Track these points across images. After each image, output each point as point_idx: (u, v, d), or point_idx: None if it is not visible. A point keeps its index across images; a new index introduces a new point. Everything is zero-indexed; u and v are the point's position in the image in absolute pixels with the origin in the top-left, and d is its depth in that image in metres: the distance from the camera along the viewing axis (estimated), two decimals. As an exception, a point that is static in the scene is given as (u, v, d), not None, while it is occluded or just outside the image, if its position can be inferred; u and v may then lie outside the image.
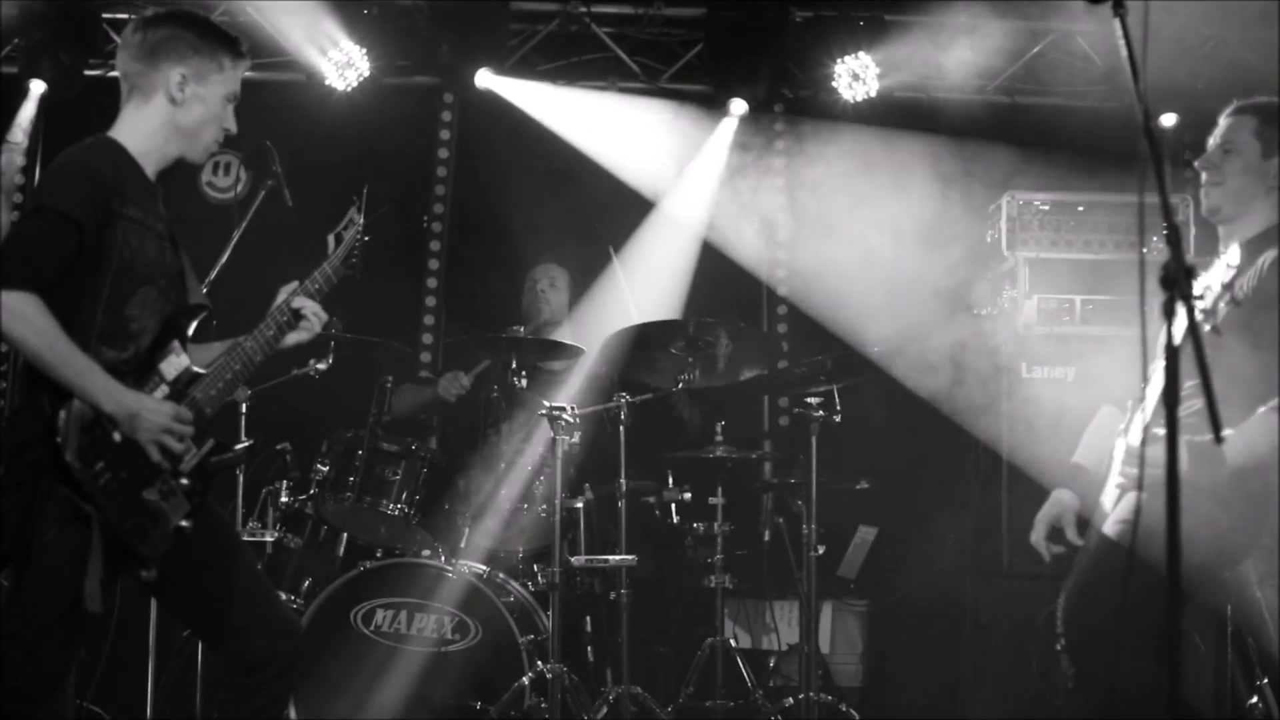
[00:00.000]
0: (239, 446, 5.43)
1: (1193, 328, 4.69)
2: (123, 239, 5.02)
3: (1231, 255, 5.50)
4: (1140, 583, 5.16)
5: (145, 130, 5.26)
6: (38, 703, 5.00)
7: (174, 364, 5.15)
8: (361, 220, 5.60)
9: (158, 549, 5.05)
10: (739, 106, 9.89)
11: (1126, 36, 4.59)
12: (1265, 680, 7.27)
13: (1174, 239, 4.58)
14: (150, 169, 5.27)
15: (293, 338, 5.52)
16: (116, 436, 4.94)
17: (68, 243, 4.89)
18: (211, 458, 5.22)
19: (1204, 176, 5.76)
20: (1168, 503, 4.55)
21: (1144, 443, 5.26)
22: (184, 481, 5.12)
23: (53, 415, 4.84)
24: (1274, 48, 9.38)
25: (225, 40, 5.38)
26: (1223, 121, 5.78)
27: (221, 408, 5.33)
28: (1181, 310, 4.53)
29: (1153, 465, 5.16)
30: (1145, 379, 5.50)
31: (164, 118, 5.26)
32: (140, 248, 5.09)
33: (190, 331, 5.30)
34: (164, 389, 5.10)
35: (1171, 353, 4.50)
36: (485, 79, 9.82)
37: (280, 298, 5.48)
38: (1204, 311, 5.43)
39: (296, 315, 5.44)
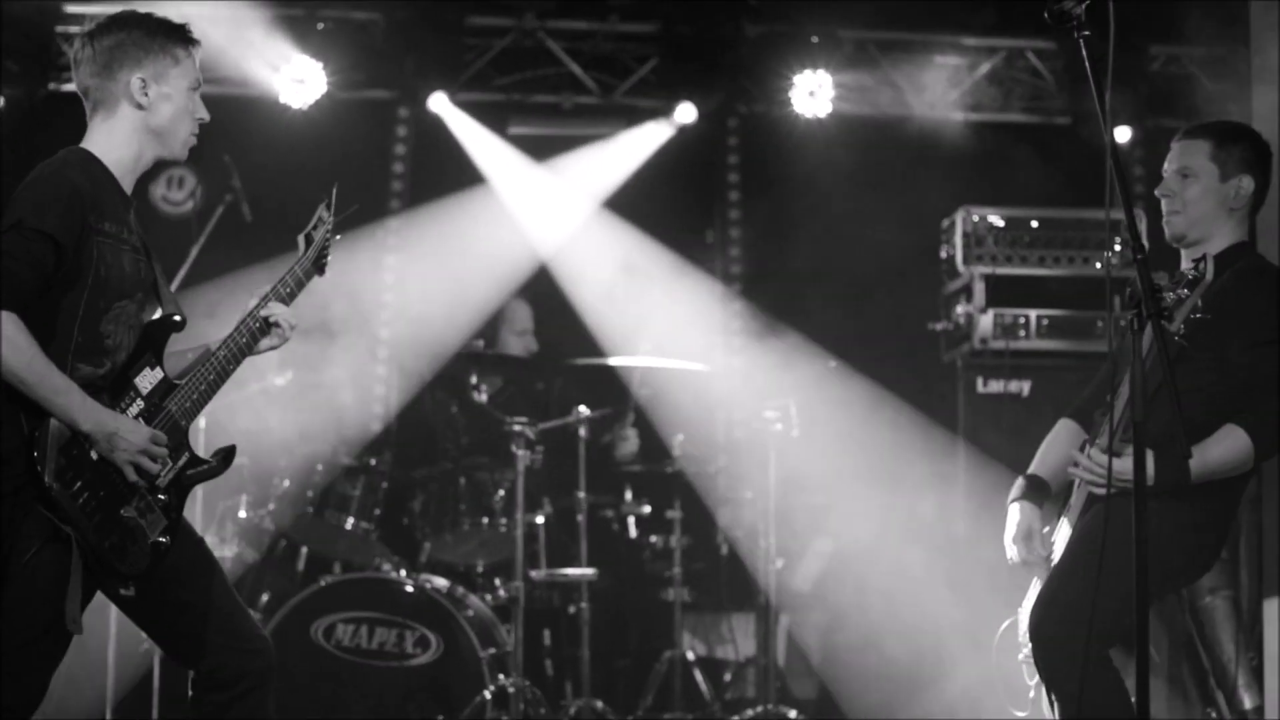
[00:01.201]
0: (212, 458, 5.41)
1: (1162, 344, 4.79)
2: (99, 255, 4.95)
3: (1203, 266, 5.55)
4: (1104, 594, 5.23)
5: (118, 141, 5.21)
6: None
7: (149, 378, 5.11)
8: (332, 219, 5.57)
9: (137, 566, 5.02)
10: (688, 112, 9.89)
11: (1089, 58, 4.68)
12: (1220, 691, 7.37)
13: (1142, 259, 4.66)
14: (126, 178, 5.23)
15: (266, 344, 5.49)
16: (94, 455, 4.93)
17: (45, 260, 4.82)
18: (188, 471, 5.14)
19: (1164, 204, 5.83)
20: (1135, 514, 4.62)
21: (1111, 454, 5.30)
22: (161, 497, 5.10)
23: (30, 435, 4.84)
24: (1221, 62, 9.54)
25: (173, 32, 5.25)
26: (1176, 147, 5.82)
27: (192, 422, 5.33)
28: (1149, 327, 4.64)
29: (1120, 477, 5.24)
30: (1112, 392, 5.55)
31: (134, 124, 5.18)
32: (116, 263, 5.04)
33: (165, 344, 5.30)
34: (139, 403, 5.07)
35: (1140, 368, 4.58)
36: (439, 103, 9.87)
37: (252, 303, 5.46)
38: (1170, 323, 5.51)
39: (268, 321, 5.43)
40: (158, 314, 5.21)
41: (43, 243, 4.82)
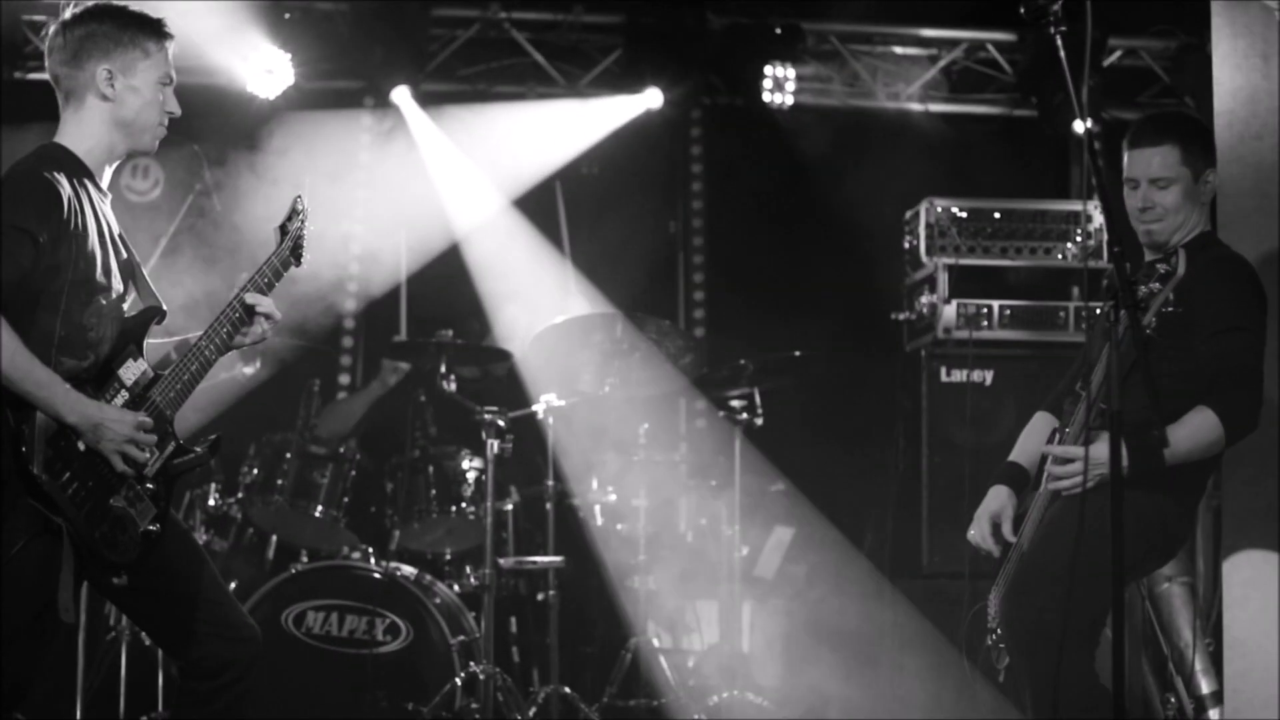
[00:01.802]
0: (199, 447, 5.45)
1: (1138, 335, 4.88)
2: (77, 249, 5.01)
3: (1176, 260, 5.64)
4: (1075, 576, 5.31)
5: (87, 132, 5.24)
6: (4, 710, 5.06)
7: (132, 369, 5.16)
8: (306, 210, 5.56)
9: (128, 555, 5.09)
10: (655, 97, 9.92)
11: (1063, 52, 4.77)
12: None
13: (1120, 250, 4.75)
14: (100, 170, 5.27)
15: (251, 336, 5.42)
16: (81, 446, 4.98)
17: (24, 257, 4.88)
18: (174, 460, 5.22)
19: (1142, 215, 5.92)
20: (1112, 501, 4.71)
21: (1087, 441, 5.39)
22: (149, 486, 5.16)
23: (16, 428, 4.89)
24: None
25: (146, 25, 5.30)
26: (1142, 155, 5.89)
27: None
28: (1123, 318, 4.74)
29: (1096, 464, 5.33)
30: (1084, 382, 5.65)
31: (102, 116, 5.22)
32: (94, 256, 5.09)
33: (146, 335, 5.33)
34: (124, 394, 5.12)
35: (1115, 357, 4.68)
36: (401, 97, 9.94)
37: (233, 293, 5.48)
38: (1145, 312, 5.61)
39: (250, 312, 5.46)
40: (138, 306, 5.26)
41: (20, 239, 4.87)
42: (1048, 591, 5.56)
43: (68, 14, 5.35)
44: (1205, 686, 7.51)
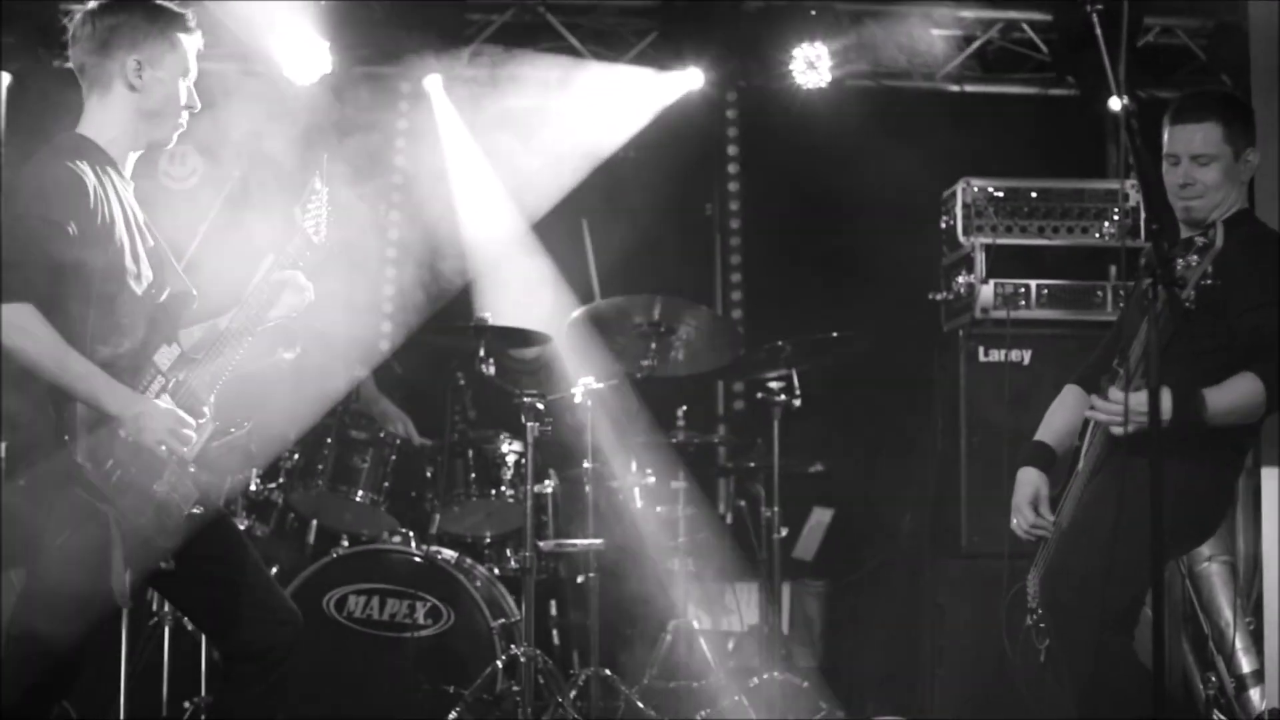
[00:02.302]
0: (236, 429, 5.49)
1: (1176, 311, 4.88)
2: (106, 238, 5.05)
3: (1213, 234, 5.64)
4: (1117, 559, 5.31)
5: (112, 120, 5.27)
6: (54, 699, 5.15)
7: (167, 354, 5.20)
8: (324, 189, 5.59)
9: (173, 540, 5.15)
10: (694, 77, 9.91)
11: (1101, 30, 4.76)
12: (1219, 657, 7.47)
13: (1158, 228, 4.76)
14: (124, 160, 5.31)
15: (278, 313, 5.53)
16: (122, 433, 5.04)
17: (56, 248, 4.93)
18: (213, 443, 5.29)
19: (1182, 191, 5.91)
20: (1152, 479, 4.70)
21: (1128, 391, 5.36)
22: (191, 469, 5.21)
23: (59, 419, 4.93)
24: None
25: (174, 18, 5.37)
26: (1183, 132, 5.89)
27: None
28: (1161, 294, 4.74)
29: (1137, 412, 5.30)
30: (1121, 358, 5.64)
31: (127, 106, 5.27)
32: (123, 245, 5.13)
33: (178, 318, 5.36)
34: (160, 380, 5.15)
35: (1154, 332, 4.68)
36: (433, 85, 9.97)
37: (259, 274, 5.52)
38: (1181, 288, 5.60)
39: (278, 289, 5.49)
40: (168, 291, 5.30)
41: (51, 230, 4.91)
42: (1087, 571, 5.57)
43: (94, 3, 5.40)
44: (1246, 665, 7.51)
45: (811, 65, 9.57)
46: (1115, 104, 9.11)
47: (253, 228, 7.79)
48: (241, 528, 8.02)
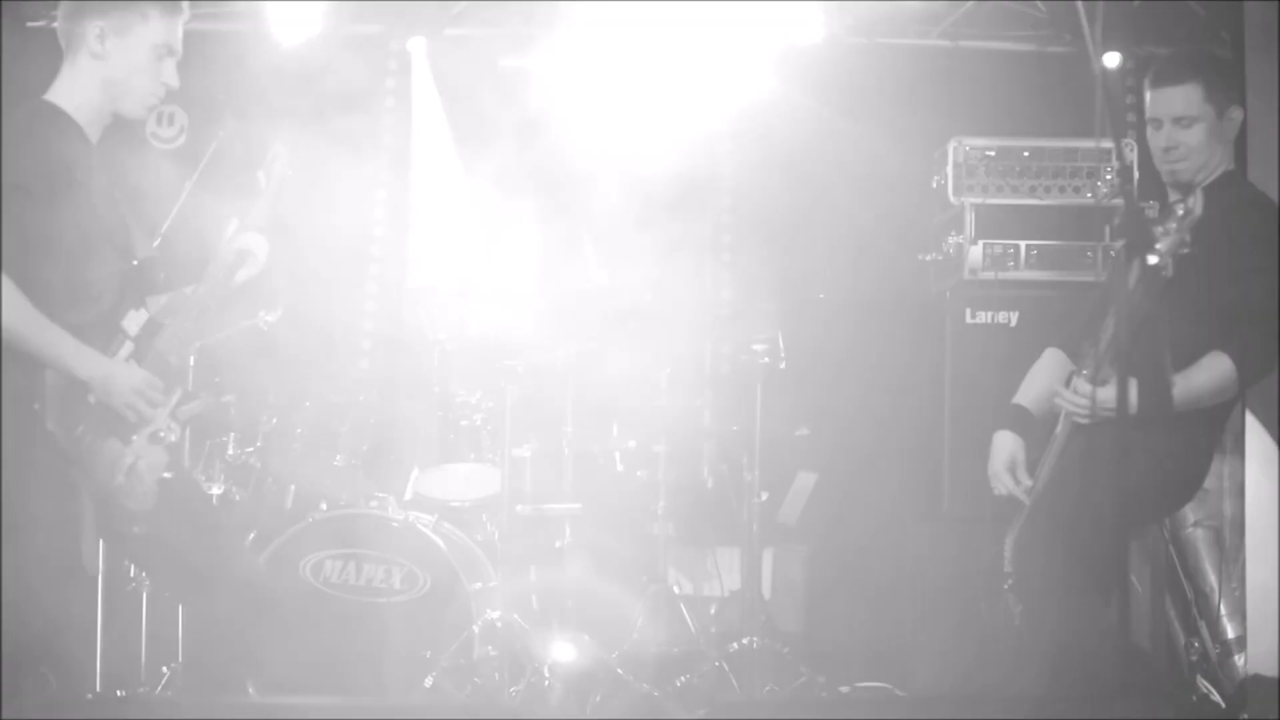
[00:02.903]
0: (204, 393, 5.55)
1: (1152, 283, 4.83)
2: (70, 204, 5.11)
3: (1192, 201, 5.59)
4: (1086, 521, 5.29)
5: (77, 89, 5.32)
6: (36, 661, 5.16)
7: (135, 319, 5.29)
8: (285, 153, 5.67)
9: (145, 502, 5.20)
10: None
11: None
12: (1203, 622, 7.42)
13: (1129, 189, 4.70)
14: (90, 128, 5.31)
15: (243, 274, 5.57)
16: (91, 399, 5.05)
17: (23, 215, 4.97)
18: (181, 407, 5.33)
19: (1166, 154, 5.88)
20: (1116, 442, 4.68)
21: (1096, 384, 5.36)
22: (160, 434, 5.22)
23: (29, 385, 4.98)
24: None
25: None
26: (1164, 94, 5.87)
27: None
28: (1136, 259, 4.68)
29: (1104, 406, 5.31)
30: (1093, 338, 5.62)
31: (91, 74, 5.31)
32: (88, 210, 5.19)
33: (146, 284, 5.41)
34: (129, 345, 5.23)
35: (1124, 300, 4.63)
36: (415, 47, 9.95)
37: (223, 240, 5.53)
38: (1160, 257, 5.53)
39: (242, 255, 5.48)
40: (136, 258, 5.31)
41: (16, 197, 4.91)
42: (1057, 537, 5.56)
43: None
44: (1231, 631, 7.50)
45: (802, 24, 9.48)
46: (1110, 59, 9.06)
47: (234, 190, 7.74)
48: (219, 491, 8.02)
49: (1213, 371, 5.63)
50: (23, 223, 4.98)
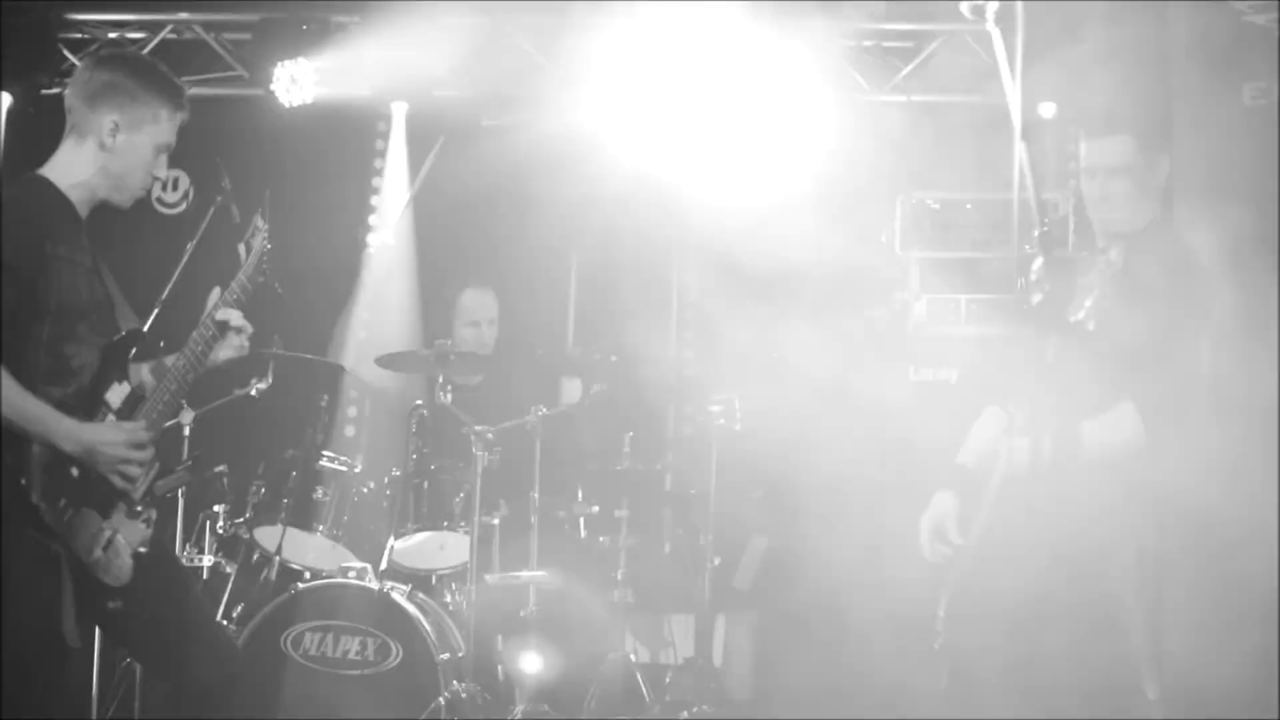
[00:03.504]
0: (180, 468, 5.73)
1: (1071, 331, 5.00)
2: (57, 280, 5.25)
3: (1113, 254, 5.76)
4: (1014, 576, 5.45)
5: (77, 169, 5.44)
6: None
7: (118, 392, 5.41)
8: (266, 227, 5.80)
9: (121, 578, 5.36)
10: None
11: (1001, 49, 4.89)
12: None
13: (1047, 243, 4.89)
14: (80, 206, 5.44)
15: (224, 353, 5.70)
16: (75, 472, 5.24)
17: (9, 291, 5.11)
18: (157, 481, 5.50)
19: (1098, 207, 6.01)
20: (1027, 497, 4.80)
21: (1009, 437, 5.49)
22: (138, 509, 5.43)
23: (15, 461, 5.14)
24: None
25: (168, 91, 5.56)
26: (1095, 146, 5.97)
27: (164, 431, 5.63)
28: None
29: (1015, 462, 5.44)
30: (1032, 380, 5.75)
31: (95, 161, 5.44)
32: (73, 286, 5.32)
33: (129, 357, 5.55)
34: (111, 418, 5.35)
35: (1027, 352, 4.82)
36: (398, 111, 10.34)
37: (209, 305, 5.68)
38: (1085, 308, 5.73)
39: (223, 327, 5.64)
40: (120, 332, 5.52)
41: (4, 275, 5.10)
42: (986, 594, 5.70)
43: (104, 51, 5.59)
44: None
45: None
46: (1046, 109, 9.19)
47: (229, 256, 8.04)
48: (209, 564, 8.30)
49: (1120, 423, 5.74)
50: (7, 299, 5.10)
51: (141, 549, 5.45)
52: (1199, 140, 7.55)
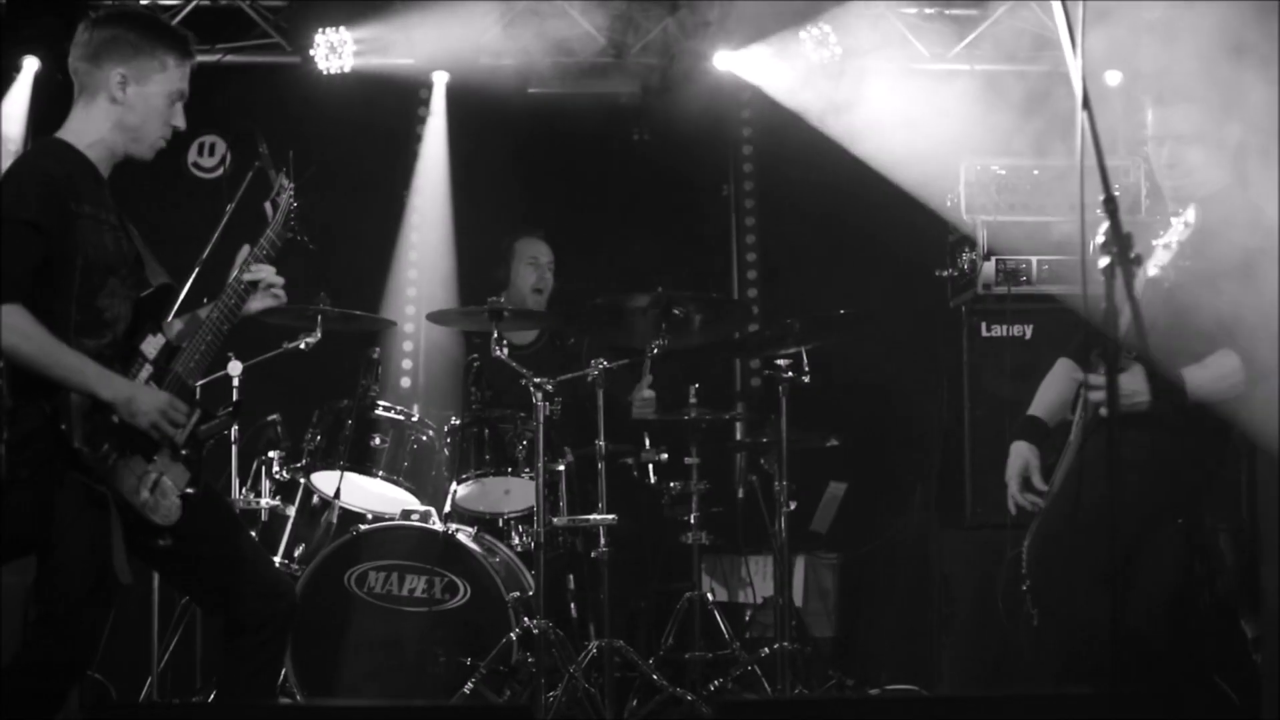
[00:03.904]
0: (222, 413, 5.74)
1: (1150, 288, 5.04)
2: (83, 236, 5.31)
3: (1189, 214, 5.79)
4: (1098, 522, 5.46)
5: (91, 129, 5.51)
6: (78, 673, 5.42)
7: (152, 344, 5.48)
8: (291, 185, 5.92)
9: (170, 517, 5.41)
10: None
11: (1062, 18, 4.91)
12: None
13: (1113, 208, 4.90)
14: (100, 165, 5.52)
15: (255, 304, 5.79)
16: (115, 419, 5.28)
17: (34, 248, 5.19)
18: (200, 426, 5.55)
19: (1168, 172, 6.07)
20: (1109, 445, 4.85)
21: (1115, 372, 5.47)
22: (182, 452, 5.48)
23: (54, 409, 5.19)
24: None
25: (171, 40, 5.61)
26: (1162, 115, 6.05)
27: (205, 378, 5.67)
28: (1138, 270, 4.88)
29: (1125, 393, 5.46)
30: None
31: (108, 117, 5.51)
32: (99, 242, 5.39)
33: (163, 310, 5.65)
34: (148, 369, 5.42)
35: (1110, 313, 4.84)
36: (439, 80, 10.34)
37: (238, 260, 5.79)
38: (1161, 269, 5.76)
39: (254, 285, 5.72)
40: (152, 285, 5.54)
41: (28, 232, 5.19)
42: (1070, 539, 5.74)
43: (98, 13, 5.63)
44: (1249, 632, 7.62)
45: (821, 43, 9.67)
46: (1112, 77, 9.26)
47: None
48: (267, 508, 8.25)
49: (1222, 367, 5.80)
50: (36, 258, 5.19)
51: (188, 489, 5.50)
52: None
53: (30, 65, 9.84)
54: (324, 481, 8.39)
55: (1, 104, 9.69)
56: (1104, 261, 4.83)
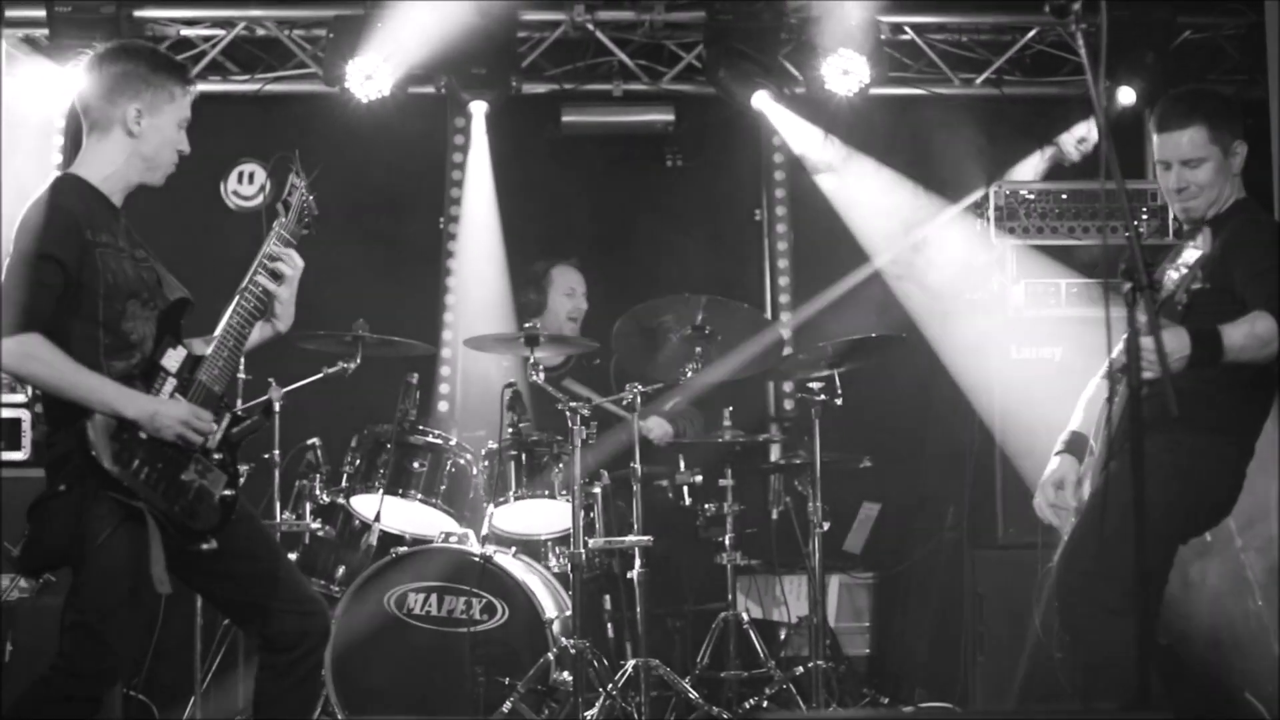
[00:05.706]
0: (254, 415, 5.86)
1: (1154, 317, 5.10)
2: (103, 264, 5.47)
3: (1200, 238, 5.86)
4: (1123, 539, 5.47)
5: (107, 161, 5.67)
6: (109, 681, 5.52)
7: (173, 357, 5.59)
8: (303, 182, 6.01)
9: (210, 521, 5.58)
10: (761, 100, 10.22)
11: (1088, 47, 5.00)
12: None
13: (1130, 235, 4.99)
14: (114, 196, 5.68)
15: (275, 288, 5.82)
16: (142, 434, 5.43)
17: (53, 280, 5.37)
18: (232, 429, 5.70)
19: (1178, 195, 6.14)
20: (1133, 457, 4.88)
21: (1135, 335, 5.42)
22: (216, 456, 5.63)
23: (80, 432, 5.35)
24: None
25: (175, 70, 5.78)
26: (1175, 137, 6.08)
27: (230, 382, 5.75)
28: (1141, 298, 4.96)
29: (1170, 350, 5.47)
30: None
31: (123, 150, 5.67)
32: (119, 268, 5.54)
33: (181, 323, 5.73)
34: (171, 381, 5.54)
35: (1135, 339, 4.91)
36: (477, 110, 10.39)
37: (251, 270, 5.85)
38: (1174, 291, 5.82)
39: (265, 292, 5.80)
40: (169, 300, 5.69)
41: (48, 265, 5.38)
42: (1093, 554, 5.77)
43: (103, 47, 5.79)
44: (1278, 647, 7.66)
45: (847, 72, 9.76)
46: (1124, 95, 9.35)
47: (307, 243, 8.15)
48: (308, 531, 8.34)
49: (1258, 324, 5.73)
50: (56, 289, 5.37)
51: (226, 492, 5.64)
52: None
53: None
54: (364, 505, 8.48)
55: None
56: (1125, 287, 4.93)
